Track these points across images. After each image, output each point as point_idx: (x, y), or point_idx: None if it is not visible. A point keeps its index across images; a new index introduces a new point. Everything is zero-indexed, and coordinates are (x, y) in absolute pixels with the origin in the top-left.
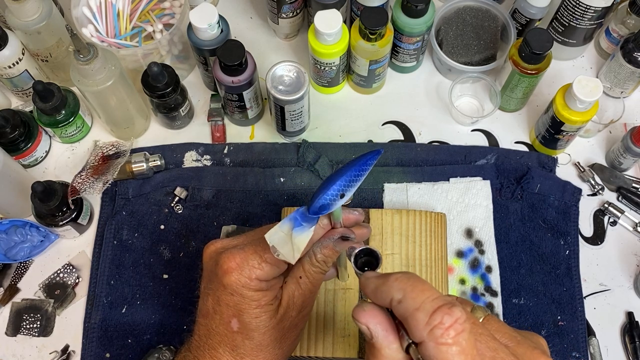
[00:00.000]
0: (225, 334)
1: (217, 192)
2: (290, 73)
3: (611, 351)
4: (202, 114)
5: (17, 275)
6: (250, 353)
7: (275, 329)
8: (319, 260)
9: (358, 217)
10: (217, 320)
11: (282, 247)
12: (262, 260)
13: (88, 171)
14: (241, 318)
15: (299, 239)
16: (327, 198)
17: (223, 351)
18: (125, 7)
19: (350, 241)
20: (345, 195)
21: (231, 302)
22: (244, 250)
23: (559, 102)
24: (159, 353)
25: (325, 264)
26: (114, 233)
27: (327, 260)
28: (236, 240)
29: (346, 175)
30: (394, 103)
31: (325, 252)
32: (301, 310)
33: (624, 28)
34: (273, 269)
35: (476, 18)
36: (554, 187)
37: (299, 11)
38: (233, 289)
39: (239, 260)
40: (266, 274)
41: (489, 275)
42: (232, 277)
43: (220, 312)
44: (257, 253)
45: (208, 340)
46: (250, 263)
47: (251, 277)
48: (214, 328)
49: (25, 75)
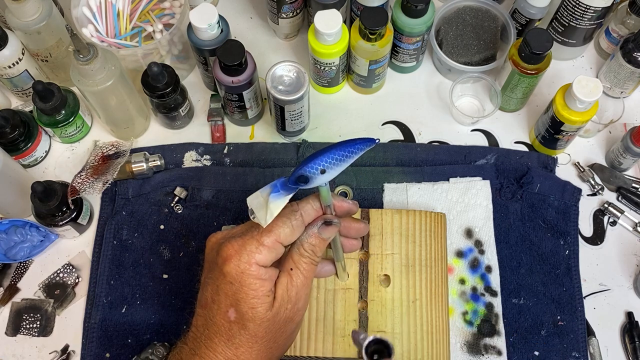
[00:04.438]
0: (222, 324)
1: (217, 192)
2: (290, 73)
3: (611, 351)
4: (202, 114)
5: (17, 275)
6: (245, 344)
7: (271, 322)
8: (307, 249)
9: (351, 206)
10: (215, 310)
11: (259, 211)
12: (259, 244)
13: (88, 171)
14: (238, 307)
15: (274, 204)
16: (307, 170)
17: (219, 341)
18: (125, 7)
19: (334, 226)
20: (326, 172)
21: (229, 291)
22: (241, 237)
23: (559, 102)
24: (153, 349)
25: (314, 254)
26: (114, 233)
27: (315, 249)
28: (235, 229)
29: (331, 153)
30: (394, 103)
31: (311, 240)
32: (296, 303)
33: (624, 28)
34: (271, 252)
35: (476, 18)
36: (553, 187)
37: (299, 11)
38: (232, 276)
39: (237, 247)
40: (264, 258)
41: (489, 275)
42: (231, 264)
43: (218, 302)
44: (254, 238)
45: (205, 330)
46: (248, 248)
47: (250, 262)
48: (211, 318)
49: (25, 75)
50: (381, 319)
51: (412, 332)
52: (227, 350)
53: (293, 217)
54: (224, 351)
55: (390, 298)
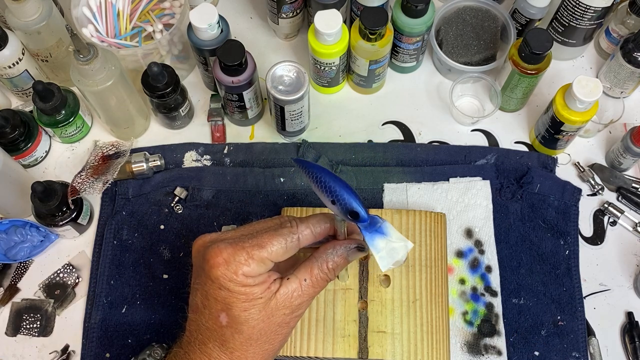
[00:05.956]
0: (215, 328)
1: (217, 192)
2: (290, 73)
3: (611, 351)
4: (202, 114)
5: (17, 275)
6: (239, 347)
7: (265, 323)
8: (330, 267)
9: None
10: (207, 315)
11: (392, 259)
12: (249, 257)
13: (88, 171)
14: (230, 312)
15: (372, 246)
16: (360, 207)
17: (213, 346)
18: (125, 7)
19: (364, 252)
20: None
21: (219, 297)
22: (231, 245)
23: (559, 102)
24: (150, 350)
25: (333, 272)
26: (114, 233)
27: (336, 268)
28: (225, 234)
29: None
30: (394, 103)
31: (337, 260)
32: (295, 311)
33: (624, 28)
34: (260, 265)
35: (476, 18)
36: (553, 187)
37: (299, 11)
38: (220, 283)
39: (226, 256)
40: (252, 270)
41: (489, 275)
42: (218, 272)
43: (209, 307)
44: (245, 249)
45: (198, 335)
46: (237, 259)
47: (237, 273)
48: (203, 323)
49: (25, 75)
50: (381, 319)
51: (412, 332)
52: (222, 355)
53: (289, 239)
54: (219, 356)
55: (390, 298)
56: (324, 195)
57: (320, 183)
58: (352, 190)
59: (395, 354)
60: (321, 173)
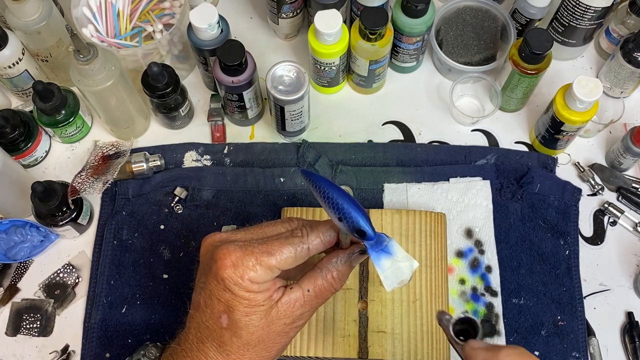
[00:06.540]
0: (214, 329)
1: (217, 192)
2: (290, 73)
3: (611, 351)
4: (202, 114)
5: (17, 275)
6: (236, 351)
7: (265, 331)
8: (335, 277)
9: None
10: (208, 314)
11: (397, 279)
12: (257, 263)
13: (88, 171)
14: (231, 315)
15: (378, 266)
16: (367, 227)
17: (210, 346)
18: (125, 7)
19: (365, 255)
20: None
21: (222, 298)
22: (241, 248)
23: (559, 102)
24: (145, 350)
25: (339, 281)
26: (114, 233)
27: (341, 277)
28: (235, 235)
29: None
30: (394, 103)
31: (341, 268)
32: (295, 321)
33: (624, 28)
34: (266, 272)
35: (476, 18)
36: (553, 187)
37: (299, 11)
38: (225, 285)
39: (235, 259)
40: (258, 277)
41: (489, 275)
42: (225, 273)
43: (211, 306)
44: (254, 254)
45: (197, 333)
46: (245, 263)
47: (243, 277)
48: (204, 322)
49: (25, 75)
50: (381, 319)
51: (412, 332)
52: (218, 356)
53: (299, 248)
54: (215, 357)
55: (390, 298)
56: (331, 212)
57: (328, 199)
58: (359, 207)
59: (395, 354)
60: (329, 188)
